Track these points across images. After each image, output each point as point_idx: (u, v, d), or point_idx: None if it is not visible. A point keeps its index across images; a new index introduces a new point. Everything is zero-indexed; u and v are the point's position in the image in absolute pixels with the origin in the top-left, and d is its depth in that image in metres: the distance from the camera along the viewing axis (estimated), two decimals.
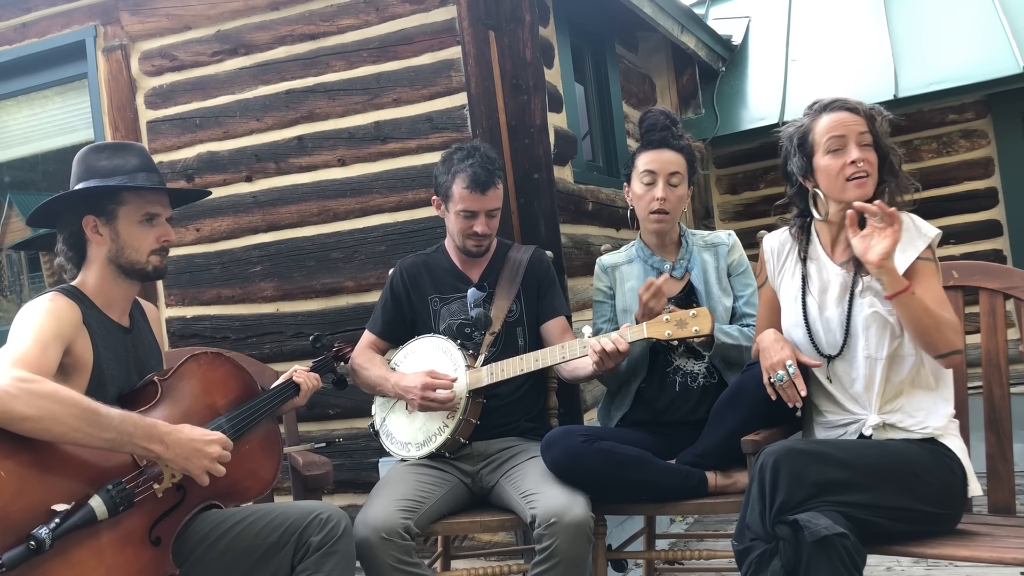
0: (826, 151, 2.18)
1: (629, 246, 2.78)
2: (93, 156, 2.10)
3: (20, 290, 4.63)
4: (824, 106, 2.23)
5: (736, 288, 2.64)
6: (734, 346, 2.49)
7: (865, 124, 2.17)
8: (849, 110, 2.19)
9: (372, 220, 3.58)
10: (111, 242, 2.07)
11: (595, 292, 2.77)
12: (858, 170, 2.14)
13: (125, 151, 2.12)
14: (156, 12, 3.85)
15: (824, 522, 1.83)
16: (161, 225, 2.12)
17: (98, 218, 2.06)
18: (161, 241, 2.11)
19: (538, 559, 2.26)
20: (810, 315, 2.24)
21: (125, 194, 2.06)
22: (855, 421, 2.18)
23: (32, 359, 1.81)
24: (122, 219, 2.06)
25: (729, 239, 2.69)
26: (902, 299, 2.01)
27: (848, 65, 5.52)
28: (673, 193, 2.59)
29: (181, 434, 1.90)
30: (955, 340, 2.04)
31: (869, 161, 2.15)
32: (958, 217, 5.22)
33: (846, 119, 2.18)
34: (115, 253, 2.07)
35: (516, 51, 3.30)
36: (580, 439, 2.37)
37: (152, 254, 2.10)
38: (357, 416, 3.56)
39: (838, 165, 2.16)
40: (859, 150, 2.15)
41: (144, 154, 2.15)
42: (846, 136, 2.16)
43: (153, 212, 2.10)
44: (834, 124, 2.18)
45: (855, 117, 2.18)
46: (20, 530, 1.65)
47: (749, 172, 5.78)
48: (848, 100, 2.21)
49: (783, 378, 2.14)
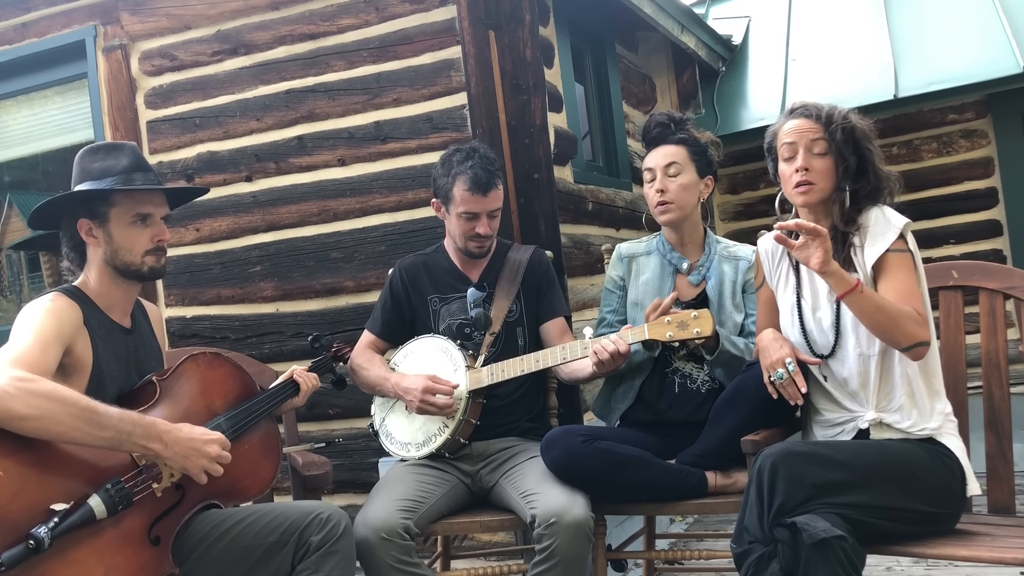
0: (782, 157, 2.24)
1: (651, 238, 2.77)
2: (88, 158, 2.10)
3: (20, 290, 4.63)
4: (788, 112, 2.28)
5: (748, 306, 2.61)
6: (737, 357, 2.48)
7: (821, 131, 2.18)
8: (806, 116, 2.21)
9: (372, 220, 3.58)
10: (105, 244, 2.06)
11: (606, 280, 2.76)
12: (801, 179, 2.18)
13: (117, 151, 2.10)
14: (156, 12, 3.85)
15: (822, 525, 1.83)
16: (155, 225, 2.10)
17: (91, 221, 2.05)
18: (156, 241, 2.09)
19: (538, 559, 2.26)
20: (804, 316, 2.25)
21: (115, 195, 2.05)
22: (852, 419, 2.18)
23: (32, 359, 1.81)
24: (114, 220, 2.05)
25: (752, 256, 2.65)
26: (850, 299, 2.03)
27: (848, 65, 5.51)
28: (672, 183, 2.58)
29: (180, 433, 1.90)
30: (916, 332, 2.03)
31: (815, 169, 2.17)
32: (958, 217, 5.21)
33: (800, 126, 2.21)
34: (110, 255, 2.06)
35: (516, 51, 3.30)
36: (580, 439, 2.36)
37: (147, 255, 2.08)
38: (357, 416, 3.56)
39: (789, 172, 2.21)
40: (806, 158, 2.18)
41: (136, 153, 2.13)
42: (796, 143, 2.20)
43: (144, 212, 2.08)
44: (788, 131, 2.23)
45: (809, 123, 2.20)
46: (19, 529, 1.65)
47: (749, 172, 5.78)
48: (809, 106, 2.24)
49: (783, 376, 2.14)
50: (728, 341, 2.49)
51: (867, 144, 2.20)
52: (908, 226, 2.15)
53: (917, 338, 2.03)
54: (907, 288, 2.09)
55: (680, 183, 2.59)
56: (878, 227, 2.14)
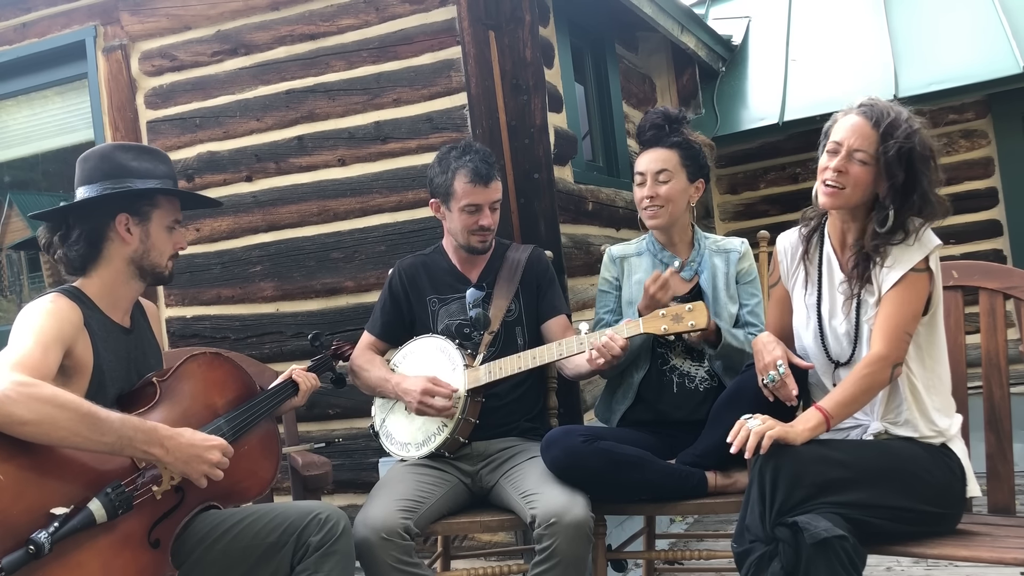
0: (827, 149, 2.12)
1: (640, 239, 2.78)
2: (121, 154, 2.10)
3: (20, 290, 4.63)
4: (857, 105, 2.12)
5: (742, 296, 2.63)
6: (738, 349, 2.49)
7: (875, 139, 2.04)
8: (867, 117, 2.06)
9: (372, 220, 3.58)
10: (139, 243, 2.08)
11: (600, 282, 2.77)
12: (832, 179, 2.08)
13: (154, 156, 2.16)
14: (156, 12, 3.85)
15: (824, 524, 1.83)
16: (178, 232, 2.18)
17: (132, 217, 2.07)
18: (177, 248, 2.17)
19: (538, 559, 2.26)
20: (823, 322, 2.22)
21: (160, 197, 2.11)
22: (858, 426, 2.18)
23: (33, 362, 1.80)
24: (154, 222, 2.10)
25: (742, 247, 2.67)
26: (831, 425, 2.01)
27: (848, 65, 5.52)
28: (662, 188, 2.59)
29: (182, 438, 1.89)
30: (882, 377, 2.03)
31: (851, 174, 2.06)
32: (958, 217, 5.21)
33: (856, 125, 2.07)
34: (140, 254, 2.09)
35: (516, 51, 3.30)
36: (580, 439, 2.36)
37: (170, 259, 2.16)
38: (357, 416, 3.56)
39: (825, 166, 2.11)
40: (844, 160, 2.06)
41: (170, 162, 2.21)
42: (842, 142, 2.08)
43: (178, 219, 2.17)
44: (842, 127, 2.10)
45: (867, 127, 2.05)
46: (19, 534, 1.65)
47: (749, 172, 5.78)
48: (877, 107, 2.07)
49: (775, 378, 2.14)
50: (729, 334, 2.50)
51: (922, 166, 2.05)
52: (938, 248, 2.09)
53: (886, 378, 2.04)
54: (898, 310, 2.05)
55: (670, 188, 2.59)
56: (908, 248, 2.07)
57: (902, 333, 2.05)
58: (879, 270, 2.11)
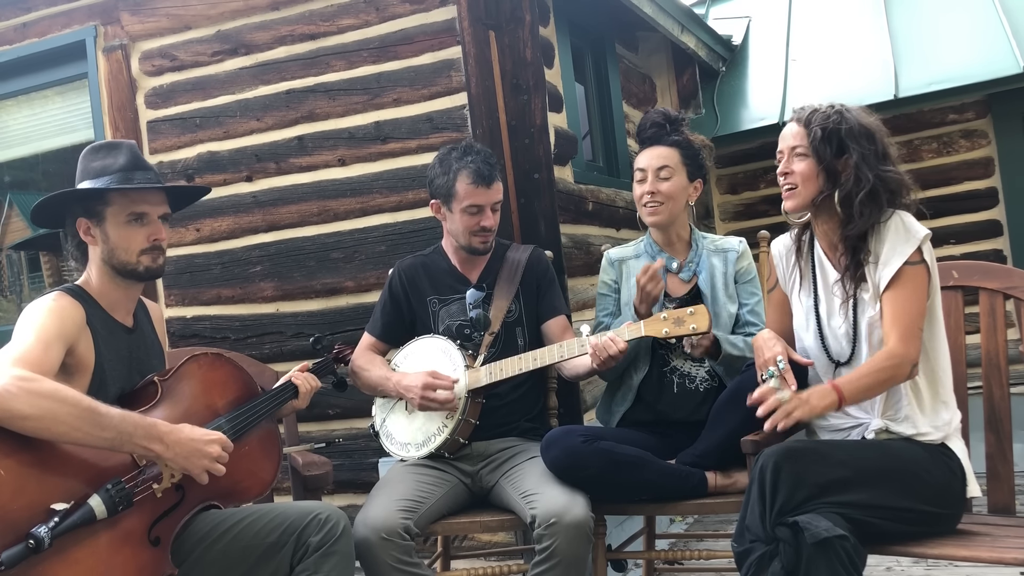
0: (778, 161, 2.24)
1: (638, 241, 2.78)
2: (88, 157, 2.10)
3: (20, 290, 4.63)
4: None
5: (741, 296, 2.63)
6: (739, 357, 2.49)
7: (803, 132, 2.15)
8: (796, 120, 2.19)
9: (372, 220, 3.58)
10: (102, 243, 2.06)
11: (600, 285, 2.77)
12: (782, 184, 2.19)
13: (115, 150, 2.09)
14: (156, 12, 3.85)
15: (824, 524, 1.83)
16: (151, 224, 2.08)
17: (89, 220, 2.05)
18: (151, 240, 2.07)
19: (538, 559, 2.26)
20: (822, 323, 2.23)
21: (111, 194, 2.04)
22: (858, 425, 2.18)
23: (34, 358, 1.81)
24: (109, 220, 2.05)
25: (740, 246, 2.68)
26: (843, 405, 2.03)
27: (848, 65, 5.51)
28: (662, 185, 2.59)
29: (181, 434, 1.89)
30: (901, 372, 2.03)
31: (796, 172, 2.15)
32: (958, 217, 5.20)
33: (786, 131, 2.20)
34: (107, 254, 2.06)
35: (516, 51, 3.30)
36: (580, 439, 2.37)
37: (143, 254, 2.06)
38: (357, 416, 3.56)
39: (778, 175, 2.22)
40: (788, 162, 2.17)
41: (133, 152, 2.11)
42: (783, 149, 2.20)
43: (140, 211, 2.06)
44: (780, 138, 2.22)
45: (796, 127, 2.18)
46: (19, 529, 1.65)
47: (749, 172, 5.79)
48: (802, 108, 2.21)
49: (773, 374, 2.14)
50: (727, 343, 2.49)
51: (851, 140, 2.11)
52: (927, 238, 2.10)
53: (905, 374, 2.04)
54: (904, 307, 2.06)
55: (670, 185, 2.60)
56: (897, 240, 2.09)
57: (916, 329, 2.06)
58: (873, 268, 2.12)
